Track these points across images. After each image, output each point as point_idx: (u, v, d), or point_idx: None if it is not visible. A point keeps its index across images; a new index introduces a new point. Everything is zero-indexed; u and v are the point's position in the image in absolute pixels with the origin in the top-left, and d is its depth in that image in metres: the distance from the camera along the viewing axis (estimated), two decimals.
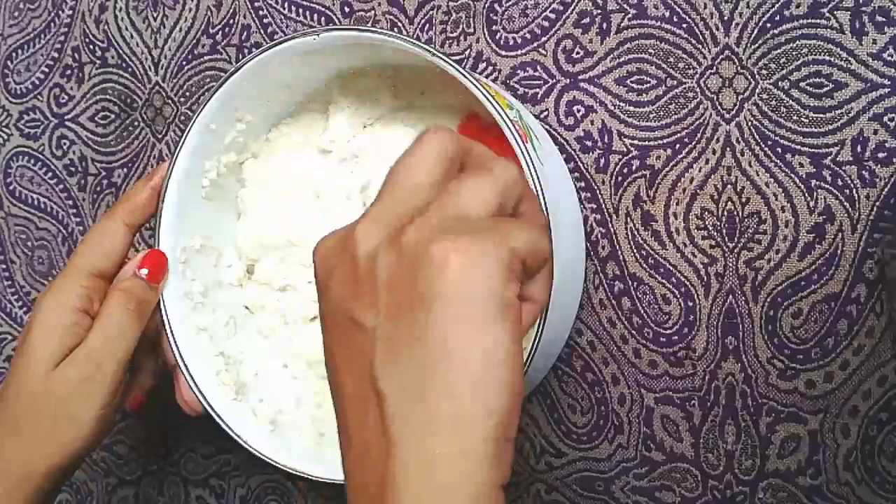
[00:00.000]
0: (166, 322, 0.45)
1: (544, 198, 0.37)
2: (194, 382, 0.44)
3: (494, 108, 0.37)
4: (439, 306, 0.27)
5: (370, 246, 0.29)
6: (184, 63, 0.56)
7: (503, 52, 0.48)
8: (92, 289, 0.43)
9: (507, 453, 0.28)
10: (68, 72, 0.60)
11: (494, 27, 0.49)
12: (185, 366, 0.45)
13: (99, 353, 0.42)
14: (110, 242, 0.45)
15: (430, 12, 0.50)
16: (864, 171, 0.42)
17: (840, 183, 0.42)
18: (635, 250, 0.46)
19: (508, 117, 0.37)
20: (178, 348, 0.45)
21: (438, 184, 0.31)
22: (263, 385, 0.48)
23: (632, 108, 0.46)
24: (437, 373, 0.27)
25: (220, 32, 0.55)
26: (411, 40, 0.39)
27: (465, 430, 0.27)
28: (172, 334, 0.45)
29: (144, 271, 0.44)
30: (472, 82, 0.38)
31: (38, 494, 0.42)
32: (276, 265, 0.50)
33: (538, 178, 0.37)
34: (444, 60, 0.38)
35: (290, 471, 0.43)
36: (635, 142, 0.46)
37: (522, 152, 0.37)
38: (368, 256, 0.29)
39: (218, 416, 0.44)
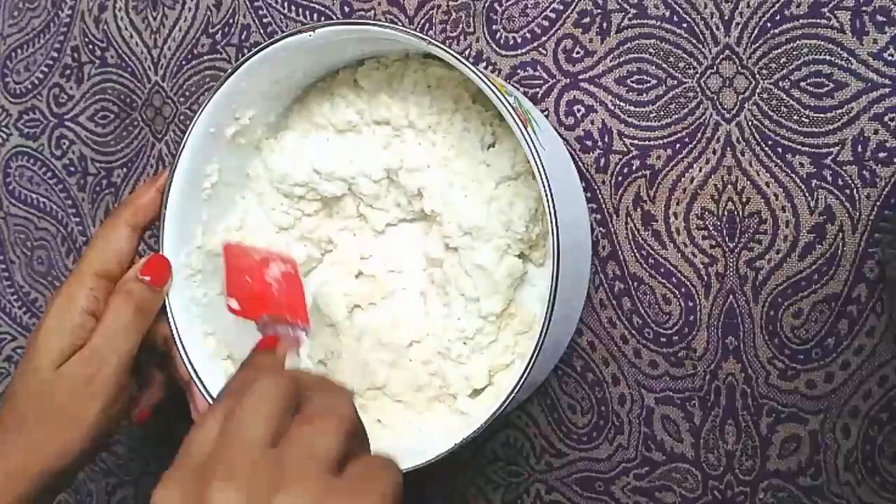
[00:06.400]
0: (174, 330, 0.45)
1: (547, 183, 0.37)
2: (207, 393, 0.44)
3: (493, 91, 0.37)
4: None
5: None
6: (183, 63, 0.56)
7: (503, 52, 0.48)
8: (98, 290, 0.44)
9: None
10: (68, 71, 0.60)
11: (494, 27, 0.49)
12: (197, 375, 0.44)
13: (100, 353, 0.42)
14: (115, 245, 0.44)
15: (430, 12, 0.50)
16: (864, 171, 0.42)
17: (840, 183, 0.42)
18: (636, 250, 0.46)
19: (508, 102, 0.37)
20: (188, 357, 0.45)
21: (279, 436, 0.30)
22: None
23: (632, 108, 0.46)
24: None
25: (220, 32, 0.55)
26: (407, 30, 0.39)
27: None
28: (182, 342, 0.45)
29: (147, 278, 0.44)
30: (469, 68, 0.38)
31: (36, 494, 0.41)
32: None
33: (540, 162, 0.37)
34: (441, 48, 0.38)
35: None
36: (635, 142, 0.46)
37: (524, 136, 0.37)
38: None
39: None
